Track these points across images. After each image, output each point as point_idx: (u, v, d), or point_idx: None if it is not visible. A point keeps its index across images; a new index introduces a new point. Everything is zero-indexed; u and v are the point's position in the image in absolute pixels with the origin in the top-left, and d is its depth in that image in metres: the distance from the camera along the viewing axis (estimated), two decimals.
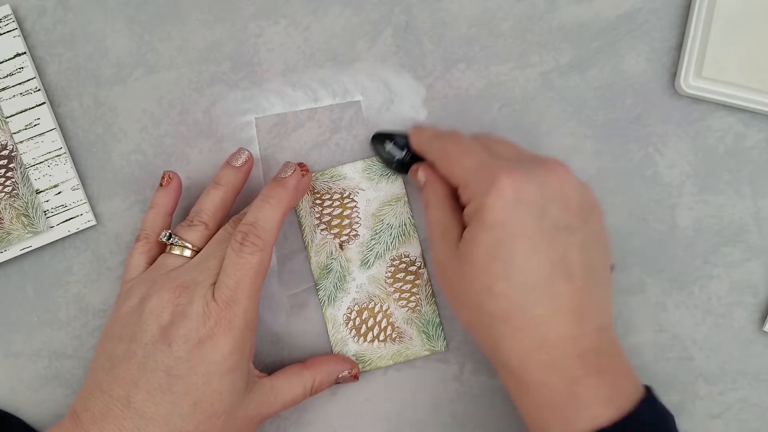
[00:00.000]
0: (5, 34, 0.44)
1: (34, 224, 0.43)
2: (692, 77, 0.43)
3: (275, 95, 0.45)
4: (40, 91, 0.44)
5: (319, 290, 0.44)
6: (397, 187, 0.44)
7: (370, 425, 0.44)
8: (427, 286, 0.44)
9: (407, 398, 0.44)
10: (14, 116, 0.44)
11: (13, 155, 0.44)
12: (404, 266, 0.44)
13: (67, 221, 0.44)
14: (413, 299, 0.44)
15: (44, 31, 0.45)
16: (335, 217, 0.44)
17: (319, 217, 0.44)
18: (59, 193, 0.44)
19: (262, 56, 0.45)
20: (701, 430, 0.43)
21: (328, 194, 0.44)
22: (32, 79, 0.44)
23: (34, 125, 0.44)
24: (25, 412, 0.44)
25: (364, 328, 0.44)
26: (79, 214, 0.44)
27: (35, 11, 0.45)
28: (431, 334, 0.44)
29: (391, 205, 0.44)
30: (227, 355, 0.36)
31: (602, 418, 0.34)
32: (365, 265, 0.44)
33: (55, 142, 0.44)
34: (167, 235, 0.40)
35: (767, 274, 0.44)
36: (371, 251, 0.44)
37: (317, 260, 0.44)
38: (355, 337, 0.44)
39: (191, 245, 0.40)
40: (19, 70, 0.44)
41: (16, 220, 0.43)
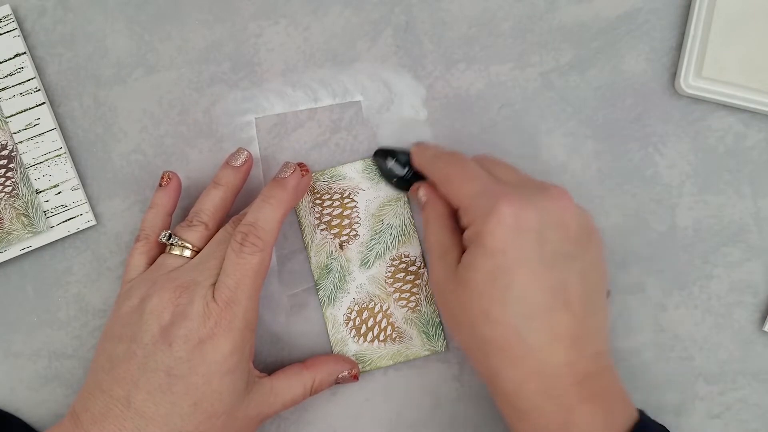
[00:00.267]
0: (5, 34, 0.44)
1: (34, 224, 0.43)
2: (692, 77, 0.43)
3: (275, 95, 0.45)
4: (40, 91, 0.44)
5: (319, 290, 0.44)
6: None
7: (370, 425, 0.44)
8: (427, 286, 0.44)
9: (407, 398, 0.44)
10: (14, 116, 0.44)
11: (13, 155, 0.44)
12: (404, 266, 0.44)
13: (67, 221, 0.44)
14: (413, 299, 0.44)
15: (44, 31, 0.45)
16: (335, 217, 0.44)
17: (319, 217, 0.44)
18: (59, 193, 0.44)
19: (262, 56, 0.45)
20: (701, 430, 0.43)
21: (328, 194, 0.44)
22: (32, 79, 0.44)
23: (34, 125, 0.44)
24: (25, 412, 0.44)
25: (364, 328, 0.44)
26: (79, 214, 0.44)
27: (35, 11, 0.45)
28: (431, 334, 0.44)
29: (391, 205, 0.44)
30: (227, 355, 0.36)
31: None
32: (365, 265, 0.44)
33: (55, 142, 0.44)
34: (167, 235, 0.40)
35: (767, 274, 0.44)
36: (371, 251, 0.44)
37: (317, 260, 0.44)
38: (355, 337, 0.44)
39: (191, 245, 0.40)
40: (19, 70, 0.44)
41: (16, 220, 0.43)
